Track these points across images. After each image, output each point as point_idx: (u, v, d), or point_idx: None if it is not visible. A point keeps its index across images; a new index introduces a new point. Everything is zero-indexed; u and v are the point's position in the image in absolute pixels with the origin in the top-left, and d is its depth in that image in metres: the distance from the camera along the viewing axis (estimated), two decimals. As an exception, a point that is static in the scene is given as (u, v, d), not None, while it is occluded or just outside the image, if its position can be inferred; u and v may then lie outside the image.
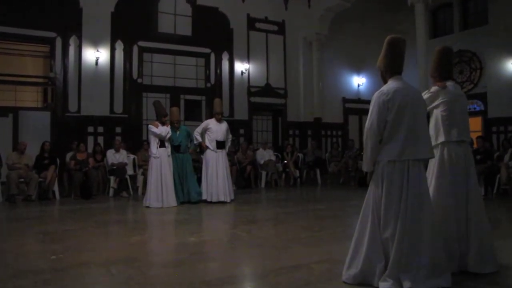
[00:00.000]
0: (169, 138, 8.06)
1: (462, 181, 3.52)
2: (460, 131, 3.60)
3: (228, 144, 8.74)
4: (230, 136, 8.82)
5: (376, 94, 3.25)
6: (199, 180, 8.54)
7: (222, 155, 8.40)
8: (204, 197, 8.20)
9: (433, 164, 3.61)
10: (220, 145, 8.40)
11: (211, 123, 8.52)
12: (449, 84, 3.70)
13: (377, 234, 3.15)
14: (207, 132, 8.44)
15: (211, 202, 8.07)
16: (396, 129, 3.15)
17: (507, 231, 5.69)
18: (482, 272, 3.37)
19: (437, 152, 3.57)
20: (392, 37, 3.36)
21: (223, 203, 8.10)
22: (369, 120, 3.22)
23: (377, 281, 3.07)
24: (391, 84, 3.25)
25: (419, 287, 2.94)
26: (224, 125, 8.56)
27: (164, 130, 7.91)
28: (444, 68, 3.76)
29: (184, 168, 8.26)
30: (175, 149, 8.26)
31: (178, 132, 8.36)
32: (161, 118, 8.06)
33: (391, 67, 3.32)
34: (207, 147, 8.36)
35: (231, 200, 8.31)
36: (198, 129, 8.53)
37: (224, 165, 8.40)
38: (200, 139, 8.44)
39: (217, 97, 10.18)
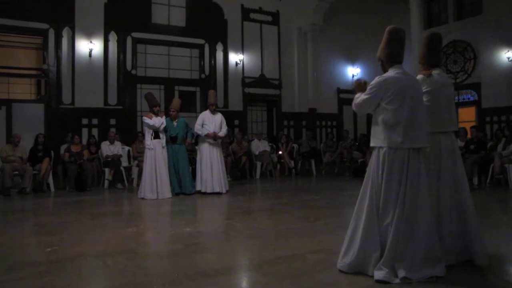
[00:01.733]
0: (164, 129, 8.04)
1: (448, 172, 3.50)
2: (445, 121, 3.56)
3: (222, 134, 8.64)
4: (226, 128, 8.73)
5: (378, 78, 3.28)
6: (194, 172, 8.55)
7: (216, 146, 8.41)
8: (198, 188, 8.23)
9: None
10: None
11: (205, 115, 8.51)
12: (435, 72, 3.63)
13: (374, 222, 3.17)
14: (202, 124, 8.42)
15: (205, 193, 8.10)
16: (396, 117, 3.17)
17: (500, 220, 5.74)
18: (475, 263, 3.38)
19: None
20: (393, 27, 3.39)
21: (218, 194, 8.13)
22: (363, 97, 3.32)
23: (372, 269, 3.10)
24: (392, 73, 3.27)
25: (414, 276, 2.97)
26: (218, 116, 8.55)
27: (158, 121, 7.89)
28: (432, 55, 3.69)
29: (180, 159, 8.25)
30: (172, 140, 8.24)
31: (175, 123, 8.33)
32: (152, 109, 8.02)
33: (392, 57, 3.33)
34: (214, 134, 8.31)
35: (226, 191, 8.34)
36: (198, 124, 8.40)
37: (219, 156, 8.42)
38: (205, 131, 8.33)
39: (212, 88, 10.19)
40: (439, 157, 3.51)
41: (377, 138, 3.26)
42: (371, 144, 3.33)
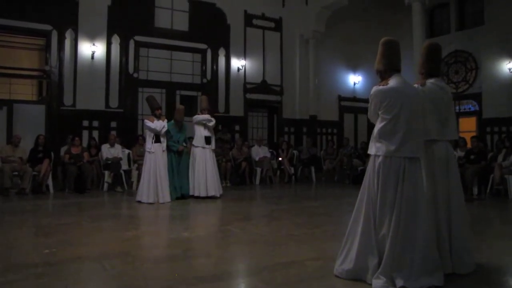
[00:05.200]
0: (165, 133, 8.02)
1: (442, 180, 3.51)
2: (440, 129, 3.57)
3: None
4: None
5: (375, 87, 3.33)
6: None
7: (209, 150, 8.45)
8: (191, 192, 8.22)
9: None
10: (208, 140, 8.43)
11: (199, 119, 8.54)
12: (431, 81, 3.65)
13: (371, 230, 3.18)
14: (196, 127, 8.47)
15: (199, 197, 8.09)
16: (394, 126, 3.19)
17: (499, 231, 5.73)
18: (458, 273, 3.37)
19: None
20: (386, 38, 3.46)
21: (213, 198, 8.14)
22: (369, 109, 3.42)
23: (370, 277, 3.09)
24: (392, 82, 3.28)
25: (412, 285, 2.96)
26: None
27: (159, 125, 7.86)
28: (432, 64, 3.72)
29: (182, 161, 8.23)
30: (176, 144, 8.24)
31: (178, 129, 8.32)
32: (154, 112, 8.02)
33: (390, 66, 3.36)
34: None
35: (220, 195, 8.34)
36: (200, 118, 8.46)
37: (212, 160, 8.45)
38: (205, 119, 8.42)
39: (214, 93, 10.15)
40: (433, 166, 3.52)
41: (374, 146, 3.29)
42: (368, 152, 3.36)
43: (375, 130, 3.31)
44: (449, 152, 3.64)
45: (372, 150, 3.30)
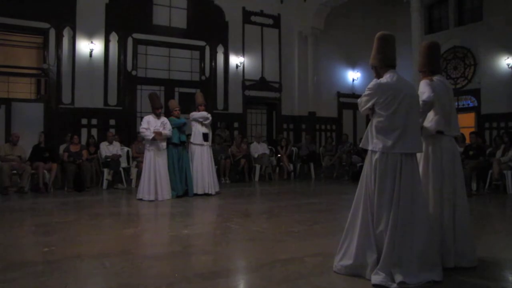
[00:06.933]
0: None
1: (448, 174, 3.52)
2: (446, 124, 3.59)
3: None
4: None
5: (375, 81, 3.31)
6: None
7: (207, 148, 8.47)
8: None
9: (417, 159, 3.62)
10: (205, 137, 8.45)
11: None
12: (436, 78, 3.68)
13: (369, 226, 3.18)
14: (193, 124, 8.48)
15: (196, 194, 8.11)
16: (391, 122, 3.18)
17: (498, 226, 5.74)
18: (460, 266, 3.39)
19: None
20: (382, 33, 3.44)
21: (208, 195, 8.16)
22: (362, 97, 3.37)
23: (369, 273, 3.10)
24: (388, 79, 3.28)
25: (411, 281, 2.97)
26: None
27: (152, 129, 7.83)
28: (433, 62, 3.76)
29: (184, 160, 8.23)
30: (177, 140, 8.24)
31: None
32: (154, 111, 8.02)
33: (385, 61, 3.36)
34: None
35: (216, 193, 8.36)
36: (197, 116, 8.48)
37: (209, 157, 8.47)
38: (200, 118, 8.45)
39: (211, 91, 10.14)
40: (440, 159, 3.54)
41: (371, 142, 3.28)
42: (361, 145, 3.38)
43: (372, 125, 3.30)
44: (455, 147, 3.67)
45: (368, 145, 3.30)
